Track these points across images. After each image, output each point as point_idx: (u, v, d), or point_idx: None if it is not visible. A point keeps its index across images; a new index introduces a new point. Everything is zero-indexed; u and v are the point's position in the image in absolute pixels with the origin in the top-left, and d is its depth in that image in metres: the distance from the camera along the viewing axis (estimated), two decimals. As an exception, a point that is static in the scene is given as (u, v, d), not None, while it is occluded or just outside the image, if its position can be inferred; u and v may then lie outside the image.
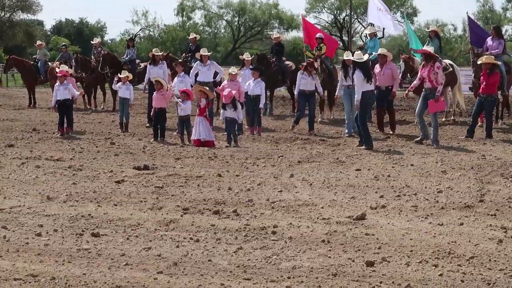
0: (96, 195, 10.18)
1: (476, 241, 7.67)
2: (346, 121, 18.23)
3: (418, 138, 16.28)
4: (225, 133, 16.81)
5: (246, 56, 21.30)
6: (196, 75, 19.54)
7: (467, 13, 23.94)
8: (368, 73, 15.97)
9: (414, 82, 17.03)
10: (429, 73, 15.97)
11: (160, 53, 20.71)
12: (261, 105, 18.59)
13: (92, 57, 27.36)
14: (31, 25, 74.57)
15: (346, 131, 18.06)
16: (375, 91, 17.00)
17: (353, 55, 16.49)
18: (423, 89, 16.27)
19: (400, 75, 18.85)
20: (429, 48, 17.10)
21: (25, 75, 28.81)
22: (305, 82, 18.63)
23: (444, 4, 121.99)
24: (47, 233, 8.02)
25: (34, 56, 29.35)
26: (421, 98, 16.41)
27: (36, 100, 27.80)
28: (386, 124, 18.55)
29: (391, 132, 18.06)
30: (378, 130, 18.26)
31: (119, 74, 19.69)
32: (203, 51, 20.08)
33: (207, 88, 17.22)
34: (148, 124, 19.07)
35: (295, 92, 19.46)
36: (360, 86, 15.67)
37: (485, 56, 18.13)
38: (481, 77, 17.59)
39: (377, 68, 17.94)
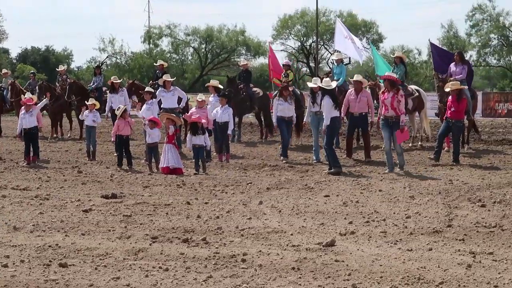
0: (64, 224, 10.07)
1: (445, 266, 7.69)
2: (314, 148, 18.25)
3: (386, 171, 15.85)
4: (193, 160, 16.75)
5: (213, 83, 21.23)
6: (160, 102, 19.53)
7: (429, 40, 24.19)
8: (336, 99, 16.19)
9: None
10: (392, 101, 16.00)
11: (118, 81, 20.67)
12: (229, 132, 18.60)
13: (57, 84, 27.23)
14: (-4, 54, 74.11)
15: (314, 157, 18.07)
16: (345, 117, 17.25)
17: (321, 82, 16.60)
18: (383, 117, 16.22)
19: None
20: (393, 75, 17.29)
21: (-9, 104, 28.54)
22: (282, 108, 18.59)
23: (409, 30, 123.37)
24: (14, 264, 7.89)
25: (0, 84, 29.10)
26: (384, 128, 16.26)
27: (2, 128, 27.55)
28: (354, 150, 18.68)
29: (366, 159, 17.91)
30: (346, 157, 18.18)
31: (86, 103, 19.61)
32: (166, 77, 20.10)
33: (174, 115, 17.22)
34: (116, 153, 18.96)
35: (274, 120, 19.29)
36: (329, 112, 15.82)
37: (451, 82, 18.22)
38: (448, 102, 17.70)
39: (352, 95, 17.99)
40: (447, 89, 18.33)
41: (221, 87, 20.91)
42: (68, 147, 22.06)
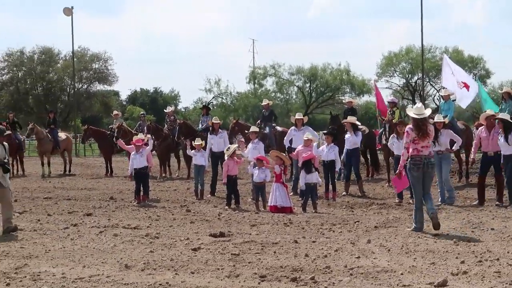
0: (173, 263, 10.20)
1: None
2: (439, 189, 17.32)
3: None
4: (299, 198, 16.73)
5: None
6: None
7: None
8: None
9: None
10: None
11: (219, 121, 20.81)
12: (337, 169, 18.53)
13: (165, 125, 27.83)
14: (107, 96, 76.47)
15: (440, 199, 17.07)
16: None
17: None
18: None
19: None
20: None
21: (102, 145, 29.43)
22: (397, 146, 17.40)
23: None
24: (126, 301, 8.04)
25: (111, 126, 30.00)
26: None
27: (113, 168, 28.32)
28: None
29: (497, 203, 16.47)
30: (477, 202, 16.84)
31: (193, 142, 19.92)
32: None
33: (283, 154, 17.24)
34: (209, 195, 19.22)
35: (393, 159, 18.49)
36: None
37: None
38: None
39: (483, 132, 16.86)
40: None
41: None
42: (177, 186, 22.44)
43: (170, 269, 9.81)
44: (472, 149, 17.53)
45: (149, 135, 21.14)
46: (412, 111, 12.84)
